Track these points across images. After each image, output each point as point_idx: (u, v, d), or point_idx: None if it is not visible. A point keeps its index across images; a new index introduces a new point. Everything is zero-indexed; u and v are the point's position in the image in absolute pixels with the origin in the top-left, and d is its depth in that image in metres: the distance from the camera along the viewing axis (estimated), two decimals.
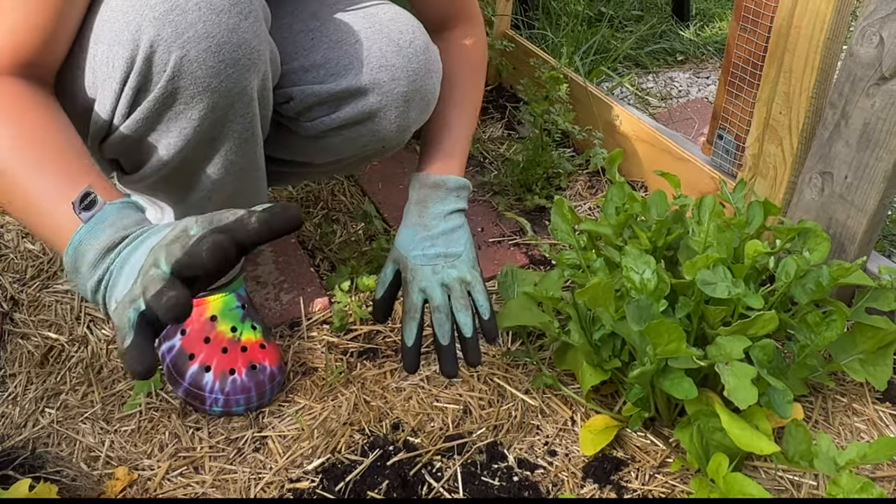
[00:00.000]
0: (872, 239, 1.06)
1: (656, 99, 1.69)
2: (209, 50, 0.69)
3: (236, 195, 0.85)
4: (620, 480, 0.85)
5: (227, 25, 0.69)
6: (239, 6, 0.70)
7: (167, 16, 0.67)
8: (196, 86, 0.70)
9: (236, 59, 0.71)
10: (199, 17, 0.68)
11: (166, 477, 0.85)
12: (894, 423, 0.92)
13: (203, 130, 0.74)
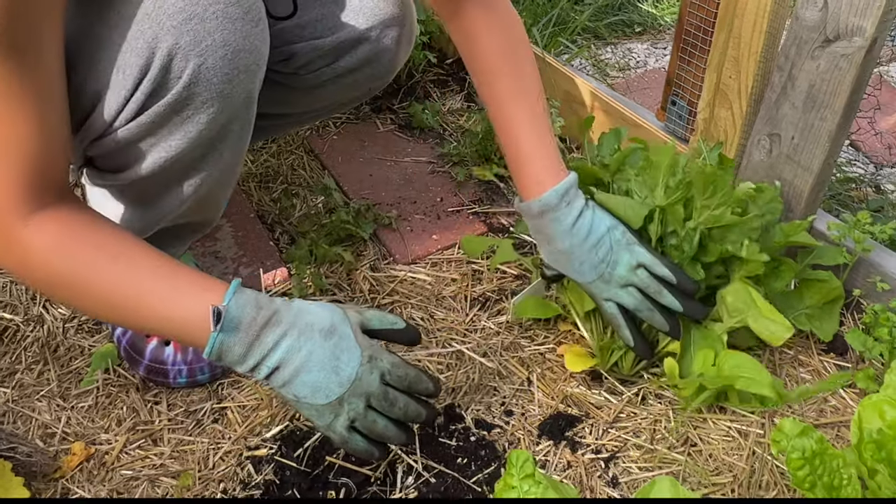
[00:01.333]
0: (818, 198, 1.07)
1: (615, 70, 1.68)
2: (225, 58, 0.69)
3: (216, 187, 0.83)
4: (575, 436, 0.85)
5: (242, 33, 0.70)
6: (251, 13, 0.71)
7: (186, 24, 0.67)
8: (210, 92, 0.70)
9: (248, 66, 0.72)
10: (216, 25, 0.68)
11: (124, 450, 0.83)
12: (837, 372, 0.93)
13: (207, 133, 0.73)
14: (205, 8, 0.67)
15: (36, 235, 0.65)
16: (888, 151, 1.37)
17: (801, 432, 0.71)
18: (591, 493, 0.79)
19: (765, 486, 0.80)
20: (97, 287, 0.67)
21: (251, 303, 0.67)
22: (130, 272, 0.67)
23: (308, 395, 0.68)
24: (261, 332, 0.67)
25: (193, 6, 0.66)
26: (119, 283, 0.67)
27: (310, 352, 0.68)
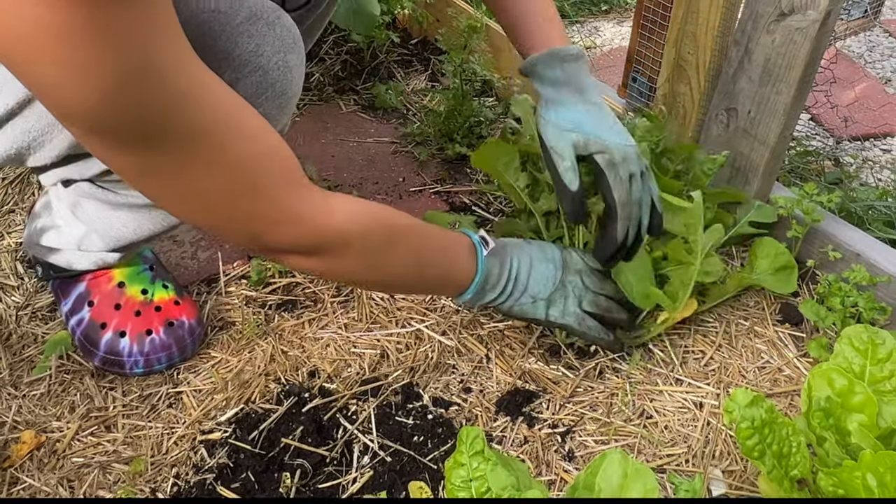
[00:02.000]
0: (775, 171, 1.06)
1: None
2: (280, 106, 0.70)
3: None
4: (532, 411, 0.84)
5: (297, 79, 0.71)
6: (300, 55, 0.71)
7: (249, 77, 0.66)
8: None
9: (291, 107, 0.73)
10: (277, 76, 0.68)
11: (76, 437, 0.81)
12: (792, 342, 0.93)
13: None
14: (268, 59, 0.67)
15: (343, 215, 0.65)
16: (844, 125, 1.36)
17: (751, 402, 0.71)
18: (548, 468, 0.79)
19: (718, 456, 0.80)
20: (405, 241, 0.72)
21: (483, 238, 0.79)
22: (417, 225, 0.75)
23: (541, 288, 0.80)
24: (503, 254, 0.79)
25: (257, 58, 0.66)
26: (418, 233, 0.74)
27: (529, 255, 0.81)
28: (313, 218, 0.64)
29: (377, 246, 0.69)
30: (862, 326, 0.76)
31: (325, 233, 0.65)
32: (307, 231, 0.64)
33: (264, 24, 0.67)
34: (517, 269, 0.80)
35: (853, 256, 0.96)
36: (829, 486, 0.67)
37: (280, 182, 0.61)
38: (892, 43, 1.71)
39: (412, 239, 0.73)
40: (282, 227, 0.62)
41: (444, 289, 0.83)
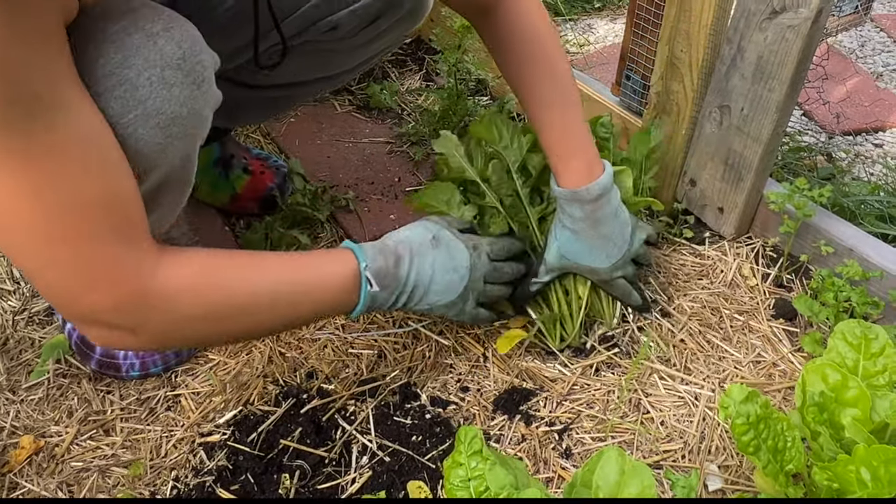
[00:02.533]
0: (768, 167, 1.06)
1: (574, 46, 1.65)
2: (157, 127, 0.62)
3: (159, 222, 0.77)
4: (529, 410, 0.84)
5: (179, 99, 0.62)
6: (192, 75, 0.63)
7: (113, 91, 0.59)
8: (141, 164, 0.63)
9: (185, 132, 0.65)
10: (149, 92, 0.60)
11: (75, 442, 0.81)
12: (787, 337, 0.94)
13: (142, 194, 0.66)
14: (138, 73, 0.60)
15: (171, 281, 0.62)
16: (836, 121, 1.37)
17: (746, 398, 0.71)
18: (545, 465, 0.79)
19: (714, 452, 0.80)
20: (251, 299, 0.67)
21: (377, 254, 0.75)
22: (271, 272, 0.69)
23: (440, 298, 0.79)
24: (396, 272, 0.76)
25: (125, 70, 0.59)
26: (270, 283, 0.68)
27: (431, 264, 0.78)
28: (122, 287, 0.59)
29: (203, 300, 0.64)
30: (855, 321, 0.76)
31: (135, 303, 0.60)
32: (116, 299, 0.59)
33: (143, 35, 0.60)
34: (414, 282, 0.77)
35: (846, 251, 0.97)
36: (824, 481, 0.68)
37: (112, 235, 0.58)
38: (883, 38, 1.71)
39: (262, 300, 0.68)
40: (93, 292, 0.58)
41: (322, 318, 0.83)
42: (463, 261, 0.80)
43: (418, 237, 0.79)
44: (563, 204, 0.86)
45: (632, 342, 0.92)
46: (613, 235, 0.87)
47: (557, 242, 0.88)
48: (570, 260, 0.88)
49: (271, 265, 0.70)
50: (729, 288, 1.00)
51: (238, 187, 1.09)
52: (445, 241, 0.81)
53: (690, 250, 1.06)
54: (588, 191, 0.83)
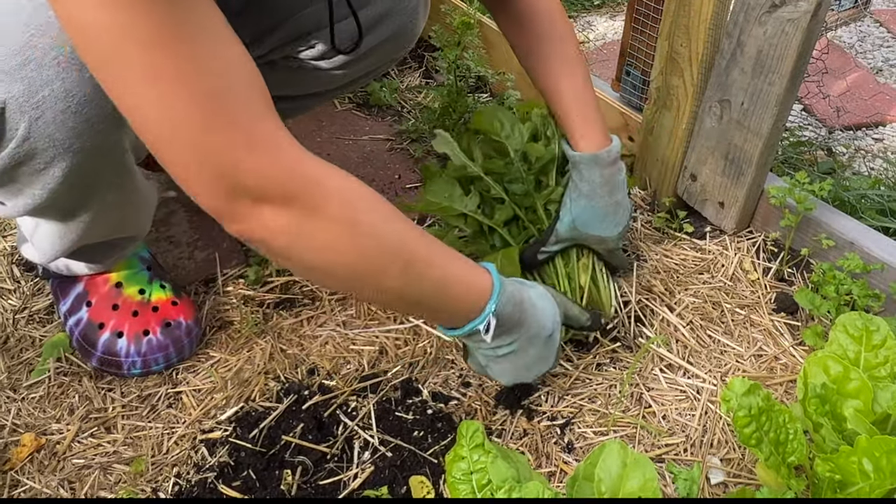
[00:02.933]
0: (768, 161, 1.06)
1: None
2: (68, 110, 0.59)
3: (121, 217, 0.78)
4: (531, 404, 0.84)
5: (92, 81, 0.58)
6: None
7: (19, 71, 0.57)
8: (55, 148, 0.61)
9: (103, 117, 0.62)
10: (56, 73, 0.58)
11: (76, 439, 0.81)
12: (788, 330, 0.94)
13: (71, 184, 0.65)
14: (44, 52, 0.57)
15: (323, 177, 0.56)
16: (836, 115, 1.37)
17: (747, 391, 0.71)
18: (548, 459, 0.79)
19: (716, 445, 0.80)
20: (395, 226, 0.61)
21: (510, 301, 0.70)
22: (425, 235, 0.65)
23: (496, 377, 0.77)
24: (509, 330, 0.72)
25: (30, 49, 0.57)
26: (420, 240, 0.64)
27: (525, 355, 0.75)
28: (289, 156, 0.55)
29: (359, 212, 0.58)
30: (856, 314, 0.76)
31: (303, 175, 0.56)
32: (283, 167, 0.55)
33: None
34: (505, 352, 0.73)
35: (847, 244, 0.97)
36: (826, 472, 0.68)
37: (258, 111, 0.54)
38: (882, 33, 1.71)
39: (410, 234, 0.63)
40: (258, 155, 0.53)
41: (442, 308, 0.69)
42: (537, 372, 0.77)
43: (544, 319, 0.74)
44: (582, 169, 0.88)
45: (633, 336, 0.92)
46: (624, 202, 0.90)
47: (571, 212, 0.89)
48: (582, 230, 0.89)
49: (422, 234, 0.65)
50: (730, 282, 1.00)
51: None
52: (551, 345, 0.76)
53: (691, 245, 1.06)
54: (609, 153, 0.86)
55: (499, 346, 0.72)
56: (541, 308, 0.74)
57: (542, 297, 0.76)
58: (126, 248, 0.86)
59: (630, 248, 1.06)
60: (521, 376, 0.77)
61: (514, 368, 0.75)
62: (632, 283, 0.99)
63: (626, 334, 0.92)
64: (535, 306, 0.74)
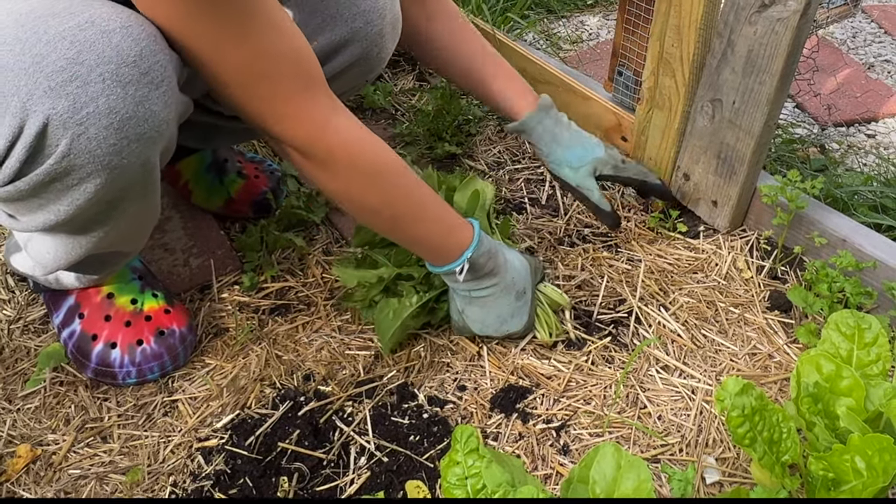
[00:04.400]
0: (760, 160, 1.06)
1: (567, 43, 1.66)
2: (111, 127, 0.61)
3: (131, 230, 0.79)
4: (526, 408, 0.84)
5: (135, 98, 0.61)
6: (150, 75, 0.62)
7: (65, 87, 0.58)
8: (94, 164, 0.62)
9: (141, 134, 0.64)
10: (101, 89, 0.59)
11: (72, 449, 0.81)
12: (782, 329, 0.94)
13: (100, 199, 0.67)
14: (90, 69, 0.58)
15: (343, 131, 0.72)
16: (828, 112, 1.37)
17: (741, 390, 0.72)
18: (543, 462, 0.79)
19: (711, 444, 0.81)
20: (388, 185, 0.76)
21: (485, 252, 0.83)
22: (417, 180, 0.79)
23: (470, 323, 0.87)
24: (482, 277, 0.83)
25: (77, 66, 0.58)
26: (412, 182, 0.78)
27: (499, 304, 0.86)
28: (310, 126, 0.70)
29: (358, 176, 0.74)
30: (848, 312, 0.76)
31: (317, 145, 0.71)
32: (303, 135, 0.71)
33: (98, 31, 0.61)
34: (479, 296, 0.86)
35: (839, 242, 0.97)
36: (819, 471, 0.68)
37: (295, 80, 0.68)
38: (874, 29, 1.72)
39: (398, 187, 0.77)
40: (286, 121, 0.70)
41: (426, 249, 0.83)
42: (511, 328, 0.88)
43: (517, 275, 0.87)
44: (535, 126, 1.00)
45: (627, 334, 0.92)
46: (582, 133, 1.04)
47: (562, 161, 1.01)
48: (582, 164, 1.02)
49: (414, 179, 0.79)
50: (724, 281, 1.00)
51: (233, 191, 1.10)
52: (525, 301, 0.88)
53: (685, 244, 1.07)
54: (545, 99, 1.02)
55: (473, 289, 0.84)
56: (513, 266, 0.87)
57: (518, 258, 0.88)
58: (120, 262, 0.86)
59: (624, 249, 1.06)
60: (493, 327, 0.87)
61: (486, 316, 0.86)
62: (626, 282, 0.99)
63: (621, 332, 0.93)
64: (508, 261, 0.86)
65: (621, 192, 1.17)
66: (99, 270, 0.85)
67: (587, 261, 1.03)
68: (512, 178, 1.20)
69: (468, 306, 0.86)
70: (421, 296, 0.87)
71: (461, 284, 0.84)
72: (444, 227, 0.81)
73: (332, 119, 0.71)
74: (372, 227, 0.86)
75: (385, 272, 0.88)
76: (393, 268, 0.89)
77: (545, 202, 1.15)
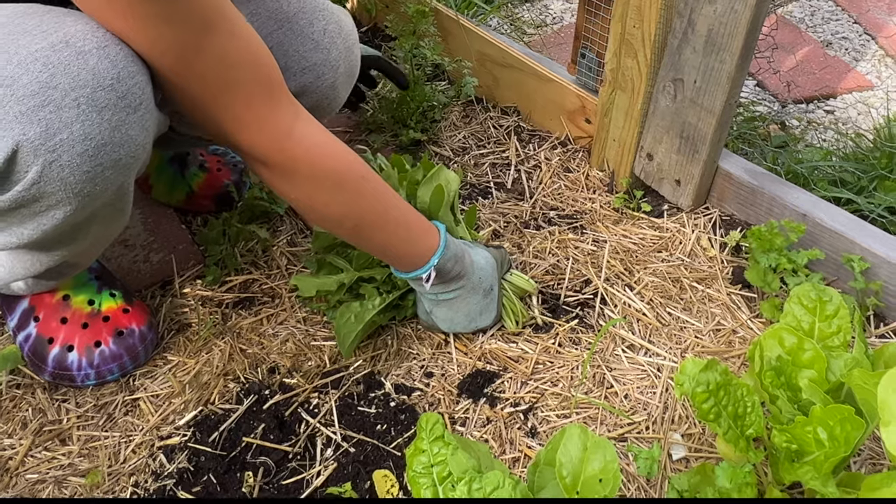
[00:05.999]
0: (722, 138, 1.05)
1: (531, 27, 1.63)
2: (85, 154, 0.57)
3: (92, 247, 0.75)
4: (494, 392, 0.82)
5: (111, 123, 0.58)
6: (128, 98, 0.58)
7: (37, 112, 0.54)
8: (65, 191, 0.58)
9: (117, 160, 0.60)
10: (76, 115, 0.55)
11: (29, 454, 0.77)
12: (745, 303, 0.93)
13: (66, 223, 0.62)
14: (64, 93, 0.55)
15: (307, 138, 0.67)
16: (787, 89, 1.37)
17: (705, 367, 0.70)
18: (511, 446, 0.77)
19: (677, 421, 0.80)
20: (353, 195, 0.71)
21: (452, 257, 0.79)
22: (382, 186, 0.74)
23: (439, 322, 0.85)
24: (448, 282, 0.81)
25: (50, 90, 0.54)
26: (377, 188, 0.73)
27: (467, 304, 0.84)
28: (273, 134, 0.66)
29: (320, 187, 0.70)
30: (810, 285, 0.75)
31: (279, 154, 0.67)
32: (266, 143, 0.66)
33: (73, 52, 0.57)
34: (446, 298, 0.82)
35: (799, 217, 0.96)
36: (783, 443, 0.67)
37: (257, 86, 0.64)
38: (831, 6, 1.72)
39: (362, 195, 0.72)
40: (248, 130, 0.65)
41: (392, 255, 0.78)
42: (480, 325, 0.87)
43: (484, 274, 0.84)
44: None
45: (593, 315, 0.91)
46: None
47: None
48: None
49: (381, 188, 0.75)
50: (688, 258, 0.99)
51: (194, 185, 1.05)
52: (492, 299, 0.86)
53: (649, 224, 1.05)
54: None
55: (439, 293, 0.81)
56: (479, 266, 0.84)
57: (483, 256, 0.86)
58: (76, 271, 0.82)
59: (590, 230, 1.04)
60: (461, 325, 0.85)
61: (454, 315, 0.84)
62: (591, 264, 0.98)
63: (587, 313, 0.91)
64: (474, 262, 0.84)
65: (586, 174, 1.15)
66: (52, 279, 0.81)
67: (553, 243, 1.01)
68: (477, 162, 1.18)
69: (436, 307, 0.84)
70: (384, 297, 0.84)
71: (426, 290, 0.80)
72: (409, 234, 0.77)
73: (295, 126, 0.67)
74: (336, 235, 0.81)
75: (346, 277, 0.84)
76: (354, 272, 0.85)
77: (510, 186, 1.13)
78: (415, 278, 0.79)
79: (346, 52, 0.84)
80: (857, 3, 1.71)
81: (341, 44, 0.83)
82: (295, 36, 0.79)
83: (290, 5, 0.80)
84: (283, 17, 0.79)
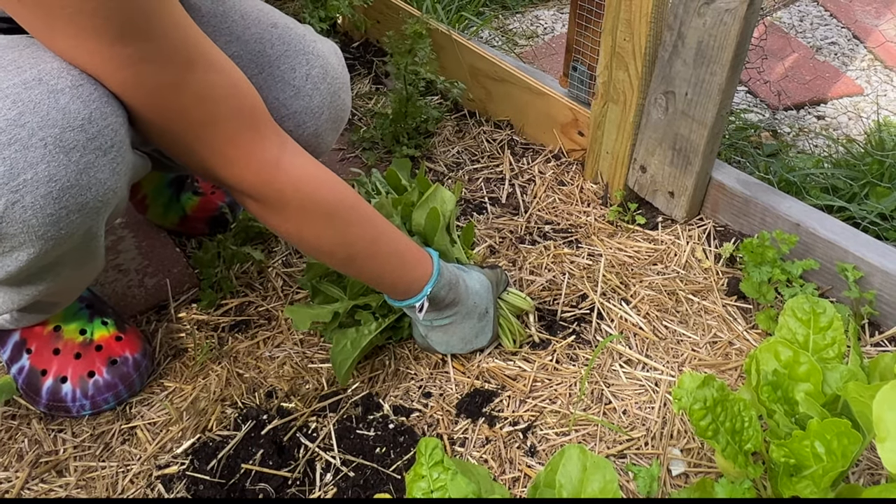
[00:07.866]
0: (714, 149, 1.06)
1: (523, 38, 1.64)
2: (49, 196, 0.55)
3: (66, 287, 0.74)
4: (492, 411, 0.83)
5: (78, 166, 0.56)
6: (98, 140, 0.57)
7: (1, 151, 0.53)
8: (27, 234, 0.57)
9: (83, 204, 0.58)
10: (42, 155, 0.54)
11: (26, 486, 0.77)
12: (741, 315, 0.94)
13: (32, 266, 0.62)
14: (31, 132, 0.54)
15: (296, 168, 0.67)
16: (778, 97, 1.38)
17: (701, 383, 0.71)
18: (511, 466, 0.78)
19: (676, 436, 0.80)
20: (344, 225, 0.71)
21: (445, 284, 0.79)
22: (373, 214, 0.74)
23: (435, 345, 0.86)
24: (443, 309, 0.81)
25: (17, 129, 0.53)
26: (368, 217, 0.73)
27: (462, 328, 0.84)
28: (260, 167, 0.65)
29: (311, 219, 0.69)
30: (804, 297, 0.76)
31: (267, 187, 0.66)
32: (253, 178, 0.65)
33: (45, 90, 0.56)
34: (441, 325, 0.83)
35: (792, 227, 0.97)
36: (781, 457, 0.68)
37: (240, 120, 0.63)
38: (820, 12, 1.74)
39: (353, 225, 0.72)
40: (234, 165, 0.64)
41: (385, 285, 0.78)
42: (476, 346, 0.88)
43: (479, 299, 0.85)
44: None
45: (590, 330, 0.91)
46: None
47: None
48: None
49: (372, 217, 0.74)
50: (683, 270, 1.00)
51: (188, 209, 1.05)
52: (488, 321, 0.87)
53: (644, 236, 1.06)
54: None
55: (434, 320, 0.82)
56: (474, 291, 0.84)
57: (478, 280, 0.86)
58: (55, 310, 0.81)
59: (584, 244, 1.05)
60: (457, 347, 0.86)
61: (449, 339, 0.85)
62: (587, 278, 0.98)
63: (585, 330, 0.92)
64: (468, 287, 0.84)
65: (580, 187, 1.16)
66: (37, 313, 0.81)
67: (549, 258, 1.02)
68: (472, 178, 1.18)
69: (431, 332, 0.84)
70: (380, 322, 0.84)
71: (422, 318, 0.81)
72: (402, 263, 0.76)
73: (282, 158, 0.66)
74: (328, 265, 0.80)
75: (340, 307, 0.84)
76: (348, 301, 0.84)
77: (505, 201, 1.14)
78: (408, 307, 0.79)
79: (331, 98, 0.80)
80: (846, 8, 1.73)
81: (325, 89, 0.79)
82: (275, 82, 0.77)
83: (273, 48, 0.77)
84: (265, 62, 0.77)
